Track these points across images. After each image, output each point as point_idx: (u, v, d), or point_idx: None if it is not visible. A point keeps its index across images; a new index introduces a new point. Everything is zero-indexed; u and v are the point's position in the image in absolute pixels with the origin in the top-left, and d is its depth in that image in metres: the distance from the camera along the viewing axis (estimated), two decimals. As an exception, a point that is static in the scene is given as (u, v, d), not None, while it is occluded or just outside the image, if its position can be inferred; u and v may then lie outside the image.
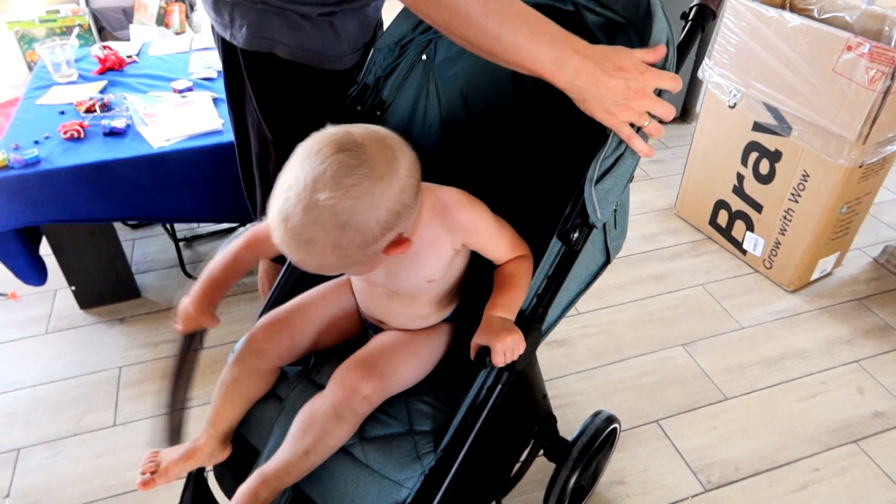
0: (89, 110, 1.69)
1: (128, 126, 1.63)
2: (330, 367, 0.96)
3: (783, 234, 1.82)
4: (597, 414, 1.25)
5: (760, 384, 1.60)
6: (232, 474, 0.98)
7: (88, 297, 1.78)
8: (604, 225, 0.99)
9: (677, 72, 0.87)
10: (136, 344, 1.69)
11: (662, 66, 0.80)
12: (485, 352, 0.80)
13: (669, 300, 1.85)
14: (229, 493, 0.98)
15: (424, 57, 1.08)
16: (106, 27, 3.05)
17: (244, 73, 1.03)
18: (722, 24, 1.78)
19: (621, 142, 0.84)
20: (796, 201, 1.75)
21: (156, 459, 0.94)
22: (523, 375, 0.95)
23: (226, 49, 1.04)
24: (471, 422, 0.88)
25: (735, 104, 1.82)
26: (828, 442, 1.47)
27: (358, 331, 1.05)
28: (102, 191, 1.55)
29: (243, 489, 0.87)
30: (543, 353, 1.66)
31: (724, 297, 1.86)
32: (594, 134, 0.85)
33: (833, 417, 1.52)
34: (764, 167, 1.81)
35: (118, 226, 2.08)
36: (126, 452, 1.43)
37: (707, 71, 1.87)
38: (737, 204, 1.93)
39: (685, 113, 2.69)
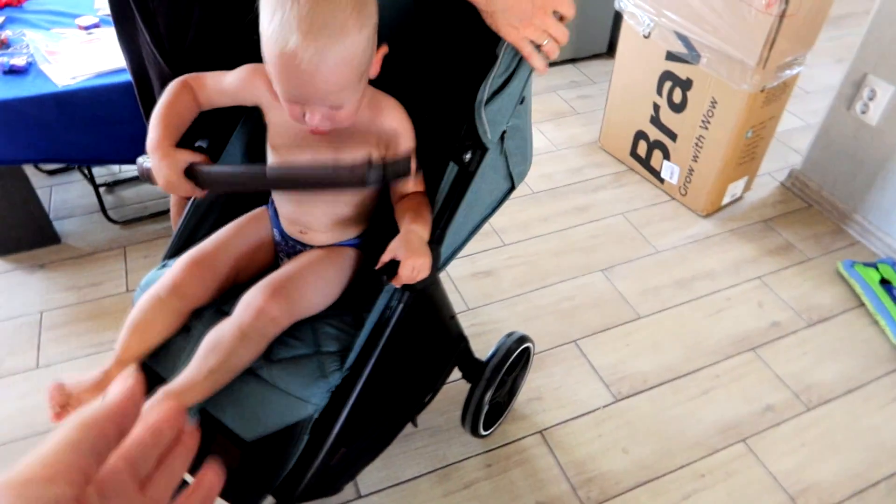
0: (-14, 48, 1.61)
1: (29, 64, 1.56)
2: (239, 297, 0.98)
3: (696, 161, 1.90)
4: (510, 335, 1.32)
5: (671, 303, 1.71)
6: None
7: (5, 244, 1.74)
8: (504, 150, 1.02)
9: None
10: (58, 288, 1.67)
11: None
12: (388, 268, 0.84)
13: (591, 229, 1.93)
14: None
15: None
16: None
17: (132, 5, 1.00)
18: (637, -48, 1.80)
19: (511, 63, 0.87)
20: (706, 128, 1.82)
21: (64, 392, 0.94)
22: (427, 295, 1.00)
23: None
24: (375, 340, 0.93)
25: (649, 34, 1.86)
26: (728, 351, 1.59)
27: (271, 262, 1.07)
28: (6, 132, 1.50)
29: (147, 407, 0.88)
30: (469, 284, 1.73)
31: (643, 224, 1.95)
32: (486, 58, 0.88)
33: (735, 330, 1.64)
34: (677, 96, 1.87)
35: (33, 172, 2.01)
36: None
37: (623, 0, 1.90)
38: (654, 134, 2.00)
39: (612, 48, 2.72)
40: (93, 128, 1.56)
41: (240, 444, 0.94)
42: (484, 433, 1.36)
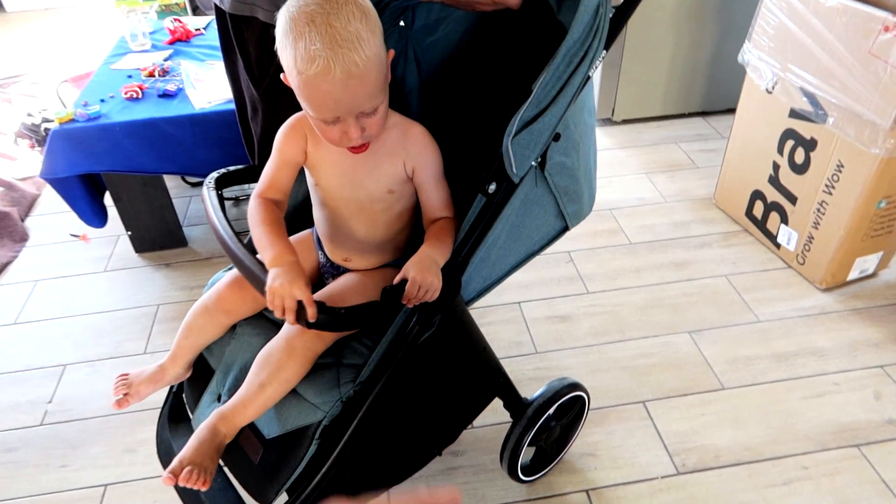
0: (150, 74, 1.89)
1: (178, 89, 1.82)
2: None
3: (816, 228, 1.72)
4: (562, 379, 1.27)
5: (764, 378, 1.54)
6: (193, 389, 1.10)
7: (142, 243, 2.00)
8: (552, 188, 1.01)
9: (607, 48, 0.90)
10: (176, 286, 1.89)
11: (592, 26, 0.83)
12: (395, 290, 0.87)
13: (686, 287, 1.80)
14: (191, 406, 1.10)
15: (402, 24, 1.14)
16: (199, 6, 3.33)
17: (232, 37, 1.14)
18: (762, 3, 1.70)
19: (544, 99, 0.87)
20: (830, 193, 1.65)
21: (126, 381, 1.07)
22: (453, 321, 1.00)
23: (218, 14, 1.15)
24: (391, 358, 0.95)
25: (772, 89, 1.73)
26: (826, 442, 1.40)
27: (314, 281, 1.14)
28: (151, 146, 1.74)
29: (203, 426, 0.95)
30: (542, 326, 1.69)
31: (747, 289, 1.79)
32: (523, 93, 0.89)
33: (838, 419, 1.44)
34: (799, 156, 1.71)
35: (177, 183, 2.31)
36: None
37: (746, 54, 1.79)
38: (772, 195, 1.84)
39: (749, 102, 2.56)
40: (220, 146, 1.77)
41: (262, 441, 1.00)
42: (525, 479, 1.31)
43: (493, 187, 0.89)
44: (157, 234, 1.99)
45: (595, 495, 1.32)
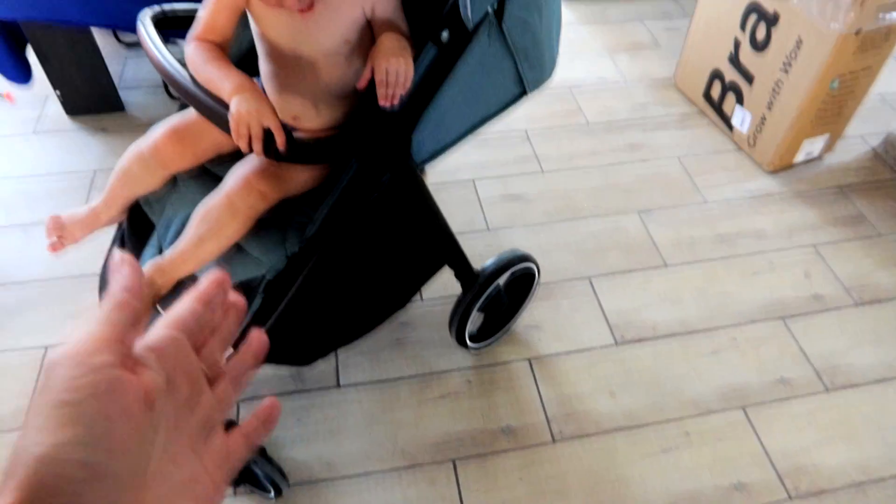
0: (68, -89, 1.67)
1: (101, -71, 1.62)
2: (228, 162, 1.01)
3: (770, 109, 1.72)
4: (513, 250, 1.28)
5: (705, 256, 1.59)
6: (134, 243, 1.06)
7: (74, 105, 1.86)
8: (511, 47, 0.96)
9: None
10: (113, 152, 1.79)
11: None
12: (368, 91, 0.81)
13: (639, 169, 1.81)
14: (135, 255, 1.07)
15: None
16: None
17: None
18: None
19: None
20: (786, 72, 1.63)
21: (59, 223, 1.02)
22: (404, 181, 0.97)
23: None
24: (338, 215, 0.93)
25: (743, -41, 1.66)
26: (754, 316, 1.47)
27: None
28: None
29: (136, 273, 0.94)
30: (496, 206, 1.69)
31: (698, 172, 1.81)
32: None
33: (769, 296, 1.51)
34: (760, 32, 1.67)
35: (112, 41, 2.13)
36: (87, 244, 1.55)
37: (721, -81, 1.69)
38: (731, 74, 1.82)
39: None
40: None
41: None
42: (472, 345, 1.36)
43: (445, 35, 0.84)
44: (91, 97, 1.85)
45: (537, 363, 1.38)
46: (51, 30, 1.68)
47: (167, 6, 0.99)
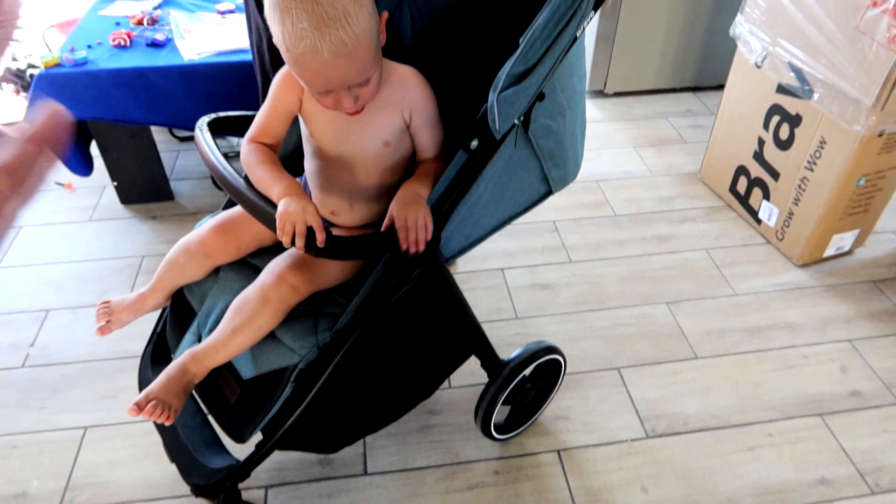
0: (139, 23, 1.86)
1: (168, 39, 1.79)
2: (267, 255, 1.07)
3: (796, 205, 1.74)
4: (539, 342, 1.30)
5: (736, 349, 1.58)
6: (175, 330, 1.11)
7: (128, 194, 1.99)
8: (536, 151, 1.02)
9: (596, 9, 0.89)
10: (161, 239, 1.89)
11: None
12: (388, 236, 0.88)
13: (667, 260, 1.83)
14: (173, 347, 1.12)
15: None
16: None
17: None
18: (757, -23, 1.70)
19: (532, 56, 0.87)
20: (812, 170, 1.67)
21: (108, 308, 1.09)
22: (433, 276, 1.01)
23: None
24: (369, 308, 0.97)
25: (761, 63, 1.74)
26: (790, 411, 1.44)
27: None
28: (138, 95, 1.72)
29: (174, 364, 0.97)
30: (524, 294, 1.72)
31: (726, 264, 1.82)
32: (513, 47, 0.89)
33: (804, 390, 1.48)
34: (784, 132, 1.73)
35: (167, 136, 2.29)
36: (132, 326, 1.62)
37: (738, 27, 1.79)
38: (756, 171, 1.86)
39: (742, 80, 2.57)
40: (208, 99, 1.76)
41: (239, 382, 1.02)
42: (498, 437, 1.35)
43: (475, 143, 0.90)
44: (144, 187, 1.98)
45: (565, 456, 1.36)
46: (114, 126, 1.83)
47: (222, 113, 1.09)
